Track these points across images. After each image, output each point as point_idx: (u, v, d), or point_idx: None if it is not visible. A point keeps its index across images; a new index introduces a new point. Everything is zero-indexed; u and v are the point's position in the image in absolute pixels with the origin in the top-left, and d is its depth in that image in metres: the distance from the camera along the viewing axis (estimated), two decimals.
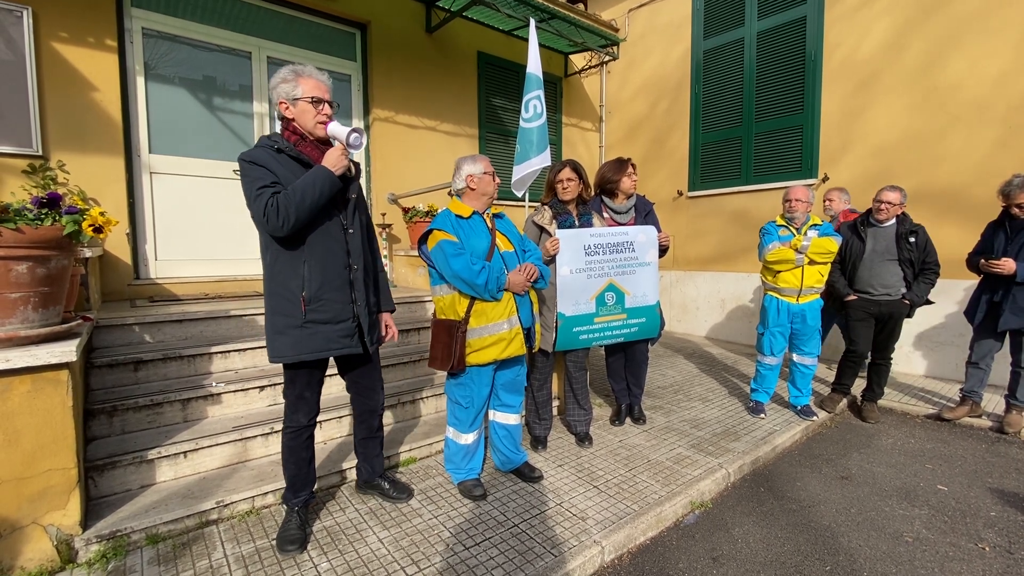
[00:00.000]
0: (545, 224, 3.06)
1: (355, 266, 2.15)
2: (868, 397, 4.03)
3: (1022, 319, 3.38)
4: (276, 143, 2.02)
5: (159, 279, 4.31)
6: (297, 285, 2.01)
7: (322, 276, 2.04)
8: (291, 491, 2.26)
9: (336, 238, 2.09)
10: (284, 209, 1.88)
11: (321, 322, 2.06)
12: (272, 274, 2.05)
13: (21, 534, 1.96)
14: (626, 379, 3.67)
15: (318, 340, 2.06)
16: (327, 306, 2.06)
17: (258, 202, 1.89)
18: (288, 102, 2.03)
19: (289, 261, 2.01)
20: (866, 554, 2.31)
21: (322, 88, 2.05)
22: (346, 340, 2.14)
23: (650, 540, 2.44)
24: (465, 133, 6.32)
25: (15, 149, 3.62)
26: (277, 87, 2.03)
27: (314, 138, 2.08)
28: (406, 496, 2.58)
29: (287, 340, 2.03)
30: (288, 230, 1.92)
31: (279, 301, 2.03)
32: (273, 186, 1.92)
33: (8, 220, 1.80)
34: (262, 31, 4.81)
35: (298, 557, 2.12)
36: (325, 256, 2.06)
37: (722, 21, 6.39)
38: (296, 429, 2.19)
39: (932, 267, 3.63)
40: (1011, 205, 3.40)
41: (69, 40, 3.81)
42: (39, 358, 1.91)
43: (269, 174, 1.93)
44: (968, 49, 4.58)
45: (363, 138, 2.04)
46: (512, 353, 2.54)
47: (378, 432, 2.53)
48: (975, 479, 3.01)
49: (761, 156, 6.10)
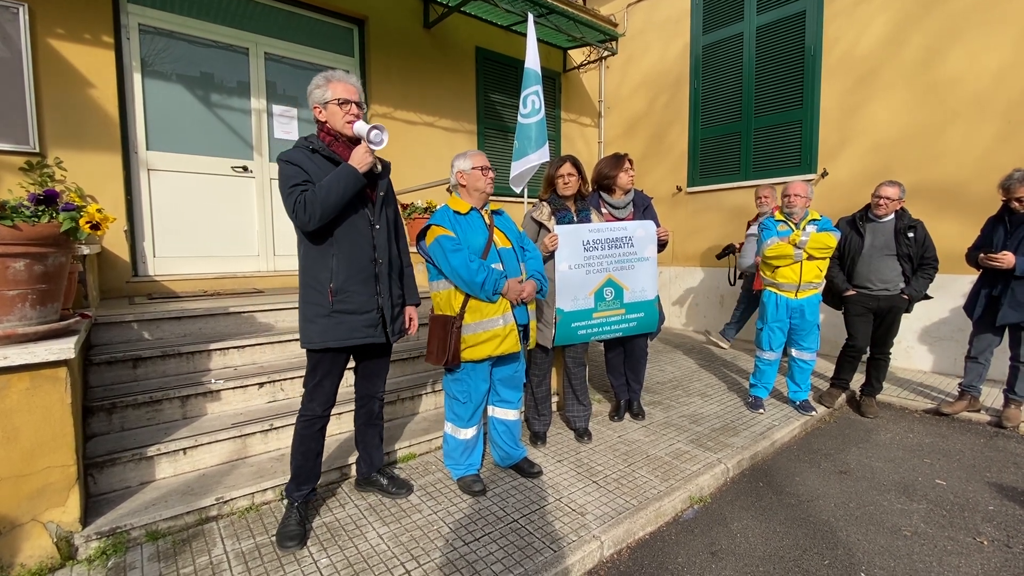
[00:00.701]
0: (544, 220, 3.05)
1: (380, 260, 2.23)
2: (867, 391, 4.03)
3: (1021, 313, 3.38)
4: (311, 144, 2.13)
5: (157, 276, 4.31)
6: (325, 277, 2.12)
7: (348, 269, 2.14)
8: (294, 483, 2.27)
9: (363, 233, 2.18)
10: (311, 205, 1.98)
11: (347, 312, 2.16)
12: (304, 266, 2.17)
13: (21, 531, 1.97)
14: (625, 375, 3.67)
15: (344, 329, 2.16)
16: (353, 297, 2.16)
17: (289, 199, 2.01)
18: (320, 106, 2.13)
19: (318, 254, 2.13)
20: (864, 548, 2.32)
21: (350, 90, 2.13)
22: (370, 330, 2.23)
23: (649, 535, 2.44)
24: (463, 129, 6.31)
25: (12, 146, 3.60)
26: (311, 93, 2.13)
27: (346, 138, 2.16)
28: (405, 492, 2.59)
29: (316, 328, 2.14)
30: (315, 224, 2.02)
31: (309, 291, 2.15)
32: (304, 184, 2.02)
33: (5, 217, 1.80)
34: (259, 27, 4.79)
35: (298, 553, 2.13)
36: (351, 250, 2.15)
37: (721, 16, 6.37)
38: (311, 418, 2.24)
39: (931, 262, 3.63)
40: (1011, 199, 3.40)
41: (65, 36, 3.79)
42: (37, 355, 1.91)
43: (302, 173, 2.04)
44: (968, 44, 4.56)
45: (384, 135, 2.10)
46: (507, 350, 2.54)
47: (378, 420, 2.56)
48: (973, 474, 3.01)
49: (760, 151, 6.09)
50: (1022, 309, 3.37)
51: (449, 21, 5.87)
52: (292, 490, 2.28)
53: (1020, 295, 3.37)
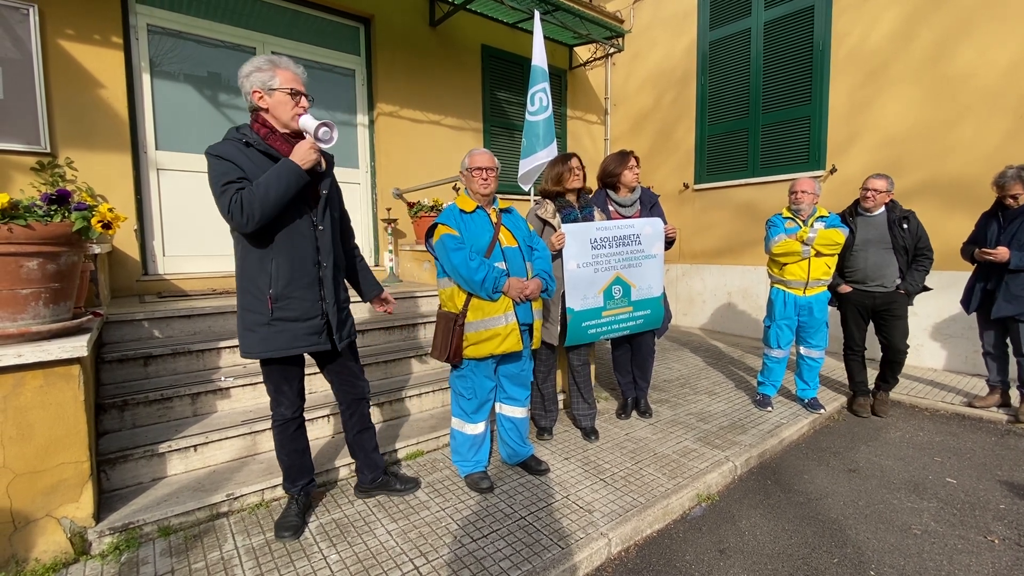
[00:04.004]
0: (548, 217, 3.05)
1: (325, 264, 2.10)
2: (882, 387, 3.94)
3: (1015, 306, 3.39)
4: (244, 136, 1.96)
5: (167, 275, 4.35)
6: (264, 282, 1.98)
7: (289, 274, 2.01)
8: (288, 480, 2.30)
9: (305, 235, 2.05)
10: (248, 205, 1.83)
11: (288, 319, 2.03)
12: (241, 270, 2.03)
13: (36, 526, 2.00)
14: (632, 372, 3.67)
15: (285, 337, 2.04)
16: (294, 304, 2.04)
17: (223, 198, 1.85)
18: (264, 92, 1.96)
19: (257, 258, 1.99)
20: (874, 546, 2.31)
21: (299, 80, 2.01)
22: (313, 338, 2.11)
23: (657, 532, 2.45)
24: (469, 127, 6.31)
25: (23, 147, 3.65)
26: (251, 75, 1.96)
27: (288, 131, 2.02)
28: (414, 487, 2.60)
29: (255, 337, 2.02)
30: (253, 226, 1.88)
31: (248, 298, 2.02)
32: (239, 181, 1.87)
33: (19, 217, 1.82)
34: (266, 26, 4.80)
35: (308, 549, 2.15)
36: (292, 254, 2.02)
37: (728, 11, 6.32)
38: (282, 422, 2.20)
39: (925, 252, 3.55)
40: (1005, 196, 3.43)
41: (75, 38, 3.83)
42: (51, 353, 1.93)
43: (236, 169, 1.88)
44: (978, 38, 4.51)
45: (333, 132, 1.96)
46: (508, 348, 2.53)
47: (370, 422, 2.50)
48: (984, 472, 2.99)
49: (768, 148, 6.05)
50: (1016, 302, 3.39)
51: (455, 19, 5.87)
52: (288, 486, 2.30)
53: (1015, 288, 3.39)
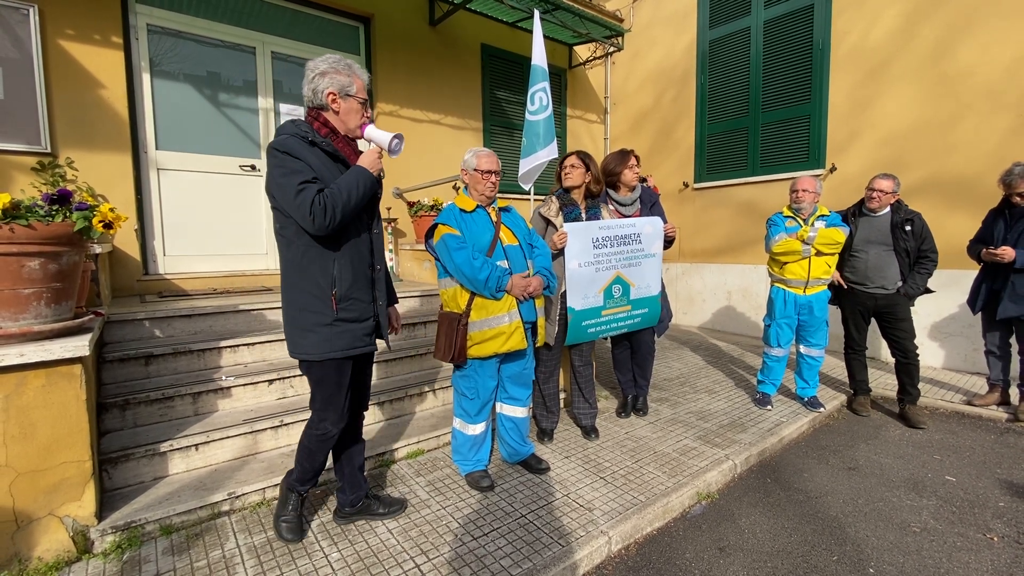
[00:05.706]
0: (551, 216, 3.06)
1: (378, 266, 2.15)
2: (908, 400, 3.73)
3: (1021, 307, 3.37)
4: (308, 135, 1.91)
5: (168, 275, 4.35)
6: (328, 283, 1.96)
7: (352, 276, 2.02)
8: (299, 482, 2.28)
9: (363, 238, 2.07)
10: (332, 208, 1.82)
11: (349, 320, 2.03)
12: (300, 270, 1.96)
13: (38, 525, 2.00)
14: (632, 371, 3.68)
15: (347, 338, 2.02)
16: (355, 305, 2.04)
17: (302, 197, 1.79)
18: (339, 96, 1.94)
19: (320, 259, 1.95)
20: (873, 544, 2.31)
21: (366, 90, 2.04)
22: (367, 338, 2.12)
23: (657, 531, 2.45)
24: (469, 126, 6.31)
25: (24, 147, 3.65)
26: (328, 75, 1.92)
27: (348, 136, 2.04)
28: (398, 509, 2.41)
29: (316, 338, 1.97)
30: (334, 228, 1.87)
31: (307, 298, 1.97)
32: (315, 182, 1.84)
33: (20, 216, 1.82)
34: (266, 26, 4.81)
35: (309, 547, 2.16)
36: (354, 255, 2.03)
37: (728, 10, 6.32)
38: (323, 436, 2.10)
39: (928, 254, 3.50)
40: (1012, 194, 3.40)
41: (75, 37, 3.83)
42: (53, 353, 1.94)
43: (308, 168, 1.85)
44: (979, 35, 4.50)
45: (403, 144, 1.98)
46: (512, 347, 2.54)
47: (362, 438, 2.39)
48: (984, 470, 2.99)
49: (768, 147, 6.05)
50: (1022, 302, 3.36)
51: (454, 18, 5.87)
52: (296, 486, 2.25)
53: (1021, 288, 3.36)
